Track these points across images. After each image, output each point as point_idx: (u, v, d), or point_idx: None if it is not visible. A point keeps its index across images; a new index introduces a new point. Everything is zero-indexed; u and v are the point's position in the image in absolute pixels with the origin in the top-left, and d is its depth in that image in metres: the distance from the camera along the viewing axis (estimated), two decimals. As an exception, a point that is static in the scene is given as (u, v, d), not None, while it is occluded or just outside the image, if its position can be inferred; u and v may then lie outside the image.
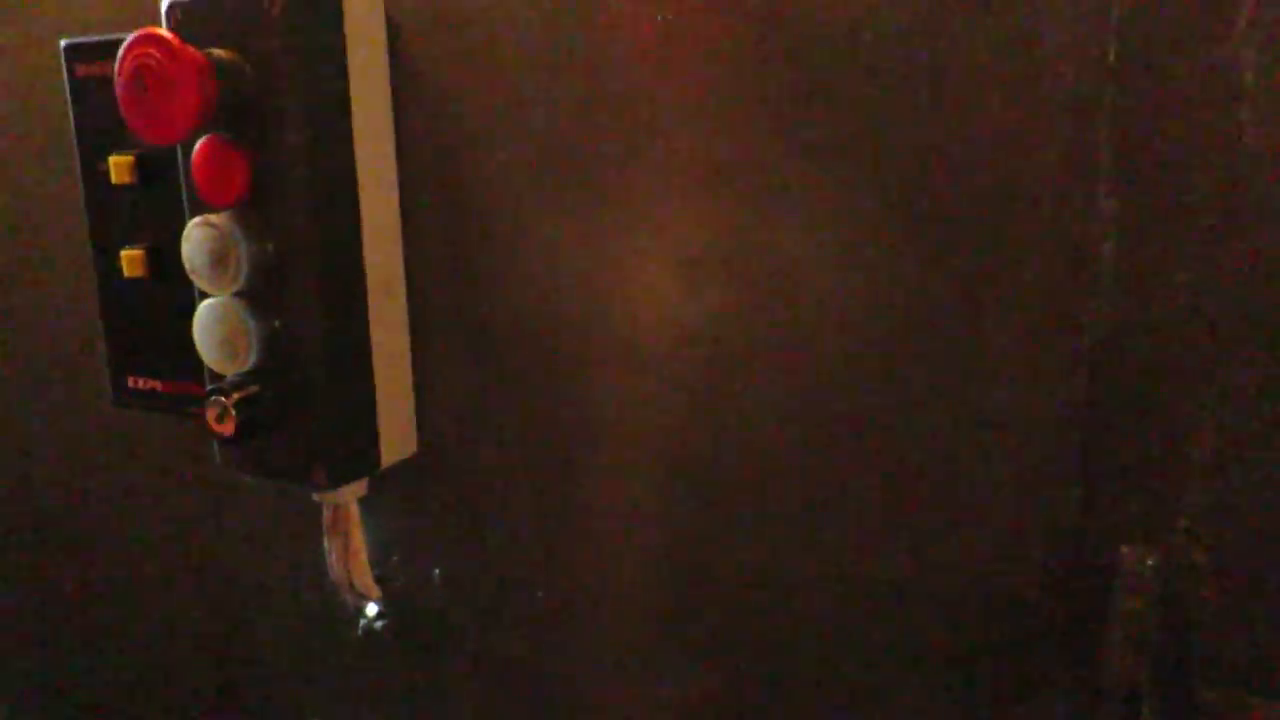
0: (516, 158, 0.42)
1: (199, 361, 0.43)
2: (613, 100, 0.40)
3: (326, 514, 0.47)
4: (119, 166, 0.46)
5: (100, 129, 0.47)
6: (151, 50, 0.37)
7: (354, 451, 0.44)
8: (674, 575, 0.43)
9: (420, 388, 0.46)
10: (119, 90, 0.38)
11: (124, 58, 0.38)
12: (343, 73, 0.41)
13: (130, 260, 0.47)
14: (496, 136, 0.43)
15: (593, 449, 0.44)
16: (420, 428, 0.47)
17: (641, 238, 0.41)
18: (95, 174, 0.47)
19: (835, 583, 0.40)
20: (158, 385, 0.49)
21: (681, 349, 0.41)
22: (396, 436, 0.45)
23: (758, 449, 0.40)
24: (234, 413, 0.41)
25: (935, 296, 0.36)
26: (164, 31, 0.37)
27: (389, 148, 0.44)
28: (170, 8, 0.40)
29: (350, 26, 0.41)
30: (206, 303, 0.41)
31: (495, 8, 0.41)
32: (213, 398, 0.41)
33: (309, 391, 0.41)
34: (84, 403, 0.56)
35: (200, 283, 0.41)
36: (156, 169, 0.46)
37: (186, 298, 0.44)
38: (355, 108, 0.42)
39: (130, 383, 0.50)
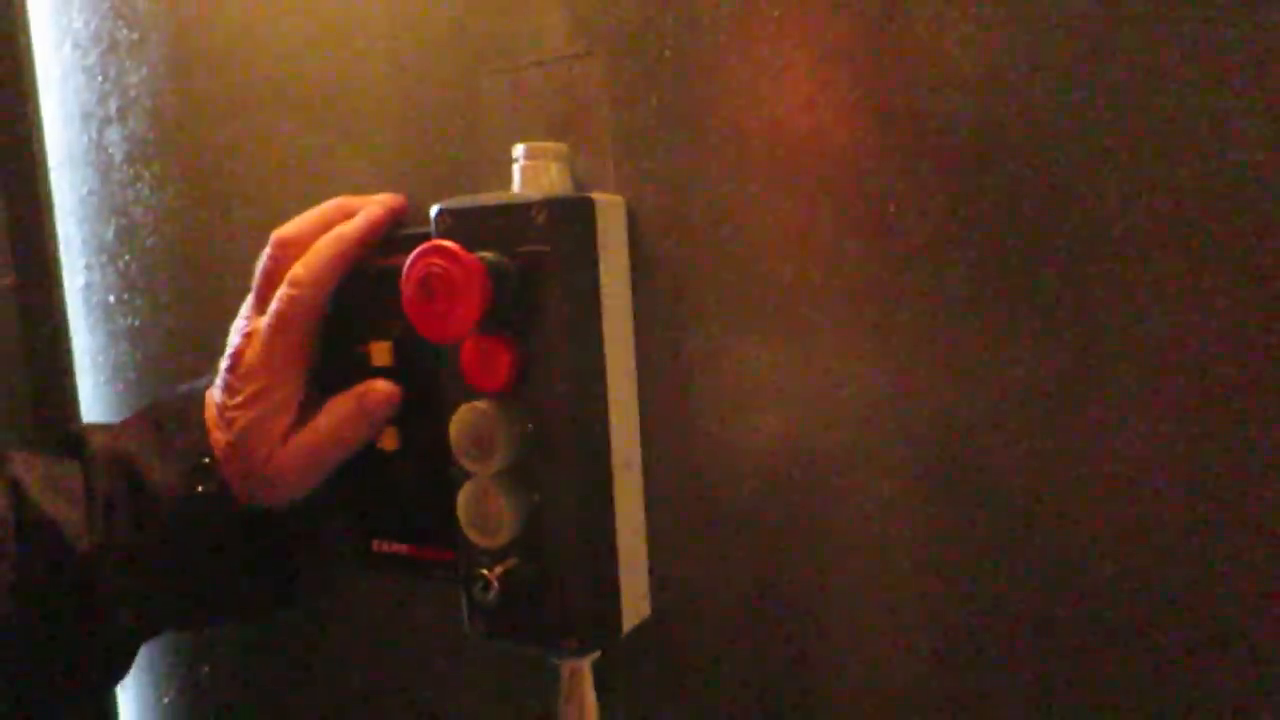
0: (742, 332, 0.45)
1: (443, 527, 0.46)
2: (833, 266, 0.43)
3: (564, 676, 0.49)
4: (379, 351, 0.51)
5: (361, 314, 0.51)
6: (438, 260, 0.41)
7: (600, 619, 0.46)
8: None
9: (652, 551, 0.49)
10: (406, 296, 0.42)
11: (413, 266, 0.42)
12: (594, 268, 0.45)
13: (385, 434, 0.51)
14: (724, 312, 0.45)
15: (822, 606, 0.45)
16: (651, 589, 0.49)
17: (865, 400, 0.43)
18: (354, 355, 0.51)
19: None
20: (404, 550, 0.52)
21: (907, 504, 0.42)
22: (634, 602, 0.47)
23: (991, 628, 0.41)
24: (496, 585, 0.44)
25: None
26: (449, 243, 0.41)
27: (630, 331, 0.47)
28: (441, 212, 0.45)
29: (601, 226, 0.45)
30: (471, 482, 0.44)
31: (720, 196, 0.45)
32: (477, 571, 0.44)
33: (563, 563, 0.44)
34: (330, 563, 0.59)
35: (465, 462, 0.44)
36: (410, 352, 0.50)
37: (433, 468, 0.47)
38: (604, 299, 0.45)
39: (376, 546, 0.53)
